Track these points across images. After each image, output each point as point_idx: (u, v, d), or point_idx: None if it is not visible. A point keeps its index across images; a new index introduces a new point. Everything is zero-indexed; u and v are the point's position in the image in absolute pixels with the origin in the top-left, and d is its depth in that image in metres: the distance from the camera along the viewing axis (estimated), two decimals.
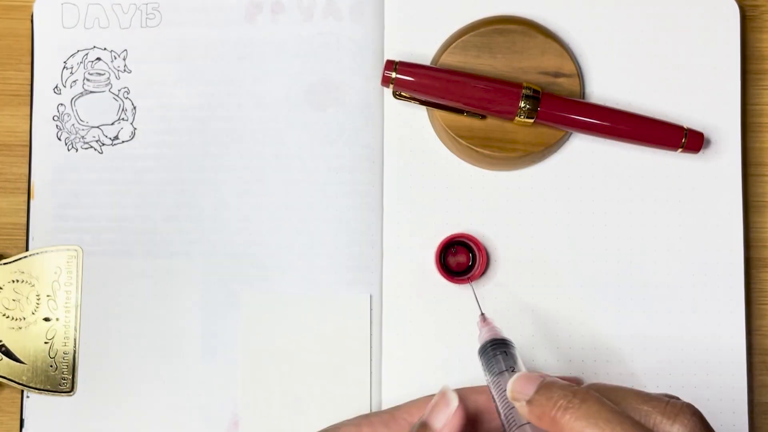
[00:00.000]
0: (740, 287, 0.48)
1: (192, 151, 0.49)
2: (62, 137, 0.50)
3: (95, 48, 0.50)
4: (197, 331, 0.48)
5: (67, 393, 0.48)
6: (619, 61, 0.49)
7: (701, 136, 0.47)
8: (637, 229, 0.48)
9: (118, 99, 0.50)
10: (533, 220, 0.48)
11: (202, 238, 0.49)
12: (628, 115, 0.47)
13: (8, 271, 0.49)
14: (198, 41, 0.50)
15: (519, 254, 0.48)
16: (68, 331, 0.48)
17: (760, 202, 0.50)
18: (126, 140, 0.50)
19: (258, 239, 0.49)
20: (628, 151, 0.48)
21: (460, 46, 0.48)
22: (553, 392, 0.34)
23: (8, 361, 0.48)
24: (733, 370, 0.47)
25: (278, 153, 0.49)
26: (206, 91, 0.50)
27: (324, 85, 0.49)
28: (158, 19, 0.50)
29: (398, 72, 0.46)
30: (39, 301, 0.48)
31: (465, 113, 0.47)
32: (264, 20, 0.50)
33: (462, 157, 0.49)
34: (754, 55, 0.51)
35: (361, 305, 0.48)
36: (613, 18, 0.49)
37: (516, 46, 0.48)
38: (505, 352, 0.40)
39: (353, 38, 0.50)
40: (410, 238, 0.48)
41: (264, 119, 0.49)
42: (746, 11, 0.50)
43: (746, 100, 0.50)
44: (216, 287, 0.49)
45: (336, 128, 0.49)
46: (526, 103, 0.46)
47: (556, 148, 0.48)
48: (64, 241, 0.49)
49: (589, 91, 0.49)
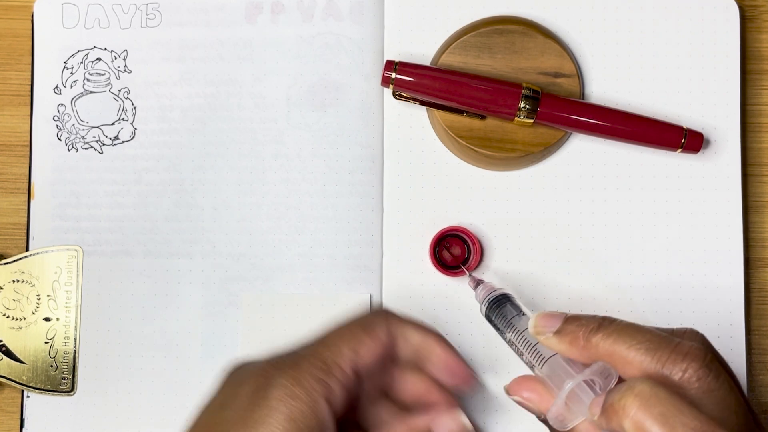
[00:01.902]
0: (740, 287, 0.48)
1: (192, 151, 0.49)
2: (62, 137, 0.50)
3: (95, 48, 0.50)
4: (197, 331, 0.48)
5: (67, 393, 0.48)
6: (619, 61, 0.49)
7: (701, 137, 0.47)
8: (637, 229, 0.48)
9: (118, 99, 0.50)
10: (533, 220, 0.48)
11: (202, 238, 0.49)
12: (627, 116, 0.47)
13: (8, 271, 0.49)
14: (198, 41, 0.50)
15: (519, 254, 0.48)
16: (68, 331, 0.48)
17: (759, 202, 0.50)
18: (126, 140, 0.50)
19: (258, 239, 0.49)
20: (628, 152, 0.49)
21: (460, 47, 0.48)
22: (582, 320, 0.37)
23: (8, 361, 0.48)
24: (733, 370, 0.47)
25: (278, 153, 0.49)
26: (206, 91, 0.50)
27: (324, 85, 0.50)
28: (158, 19, 0.50)
29: (398, 72, 0.46)
30: (39, 301, 0.48)
31: (465, 113, 0.47)
32: (264, 20, 0.50)
33: (462, 157, 0.49)
34: (754, 55, 0.51)
35: (361, 305, 0.48)
36: (613, 18, 0.49)
37: (516, 46, 0.48)
38: (509, 302, 0.42)
39: (353, 38, 0.50)
40: (410, 238, 0.48)
41: (264, 119, 0.49)
42: (746, 11, 0.50)
43: (746, 100, 0.50)
44: (216, 287, 0.49)
45: (336, 128, 0.49)
46: (526, 103, 0.46)
47: (556, 148, 0.48)
48: (64, 241, 0.49)
49: (589, 91, 0.49)
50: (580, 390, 0.35)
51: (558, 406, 0.36)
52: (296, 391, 0.36)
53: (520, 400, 0.39)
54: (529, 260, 0.48)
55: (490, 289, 0.44)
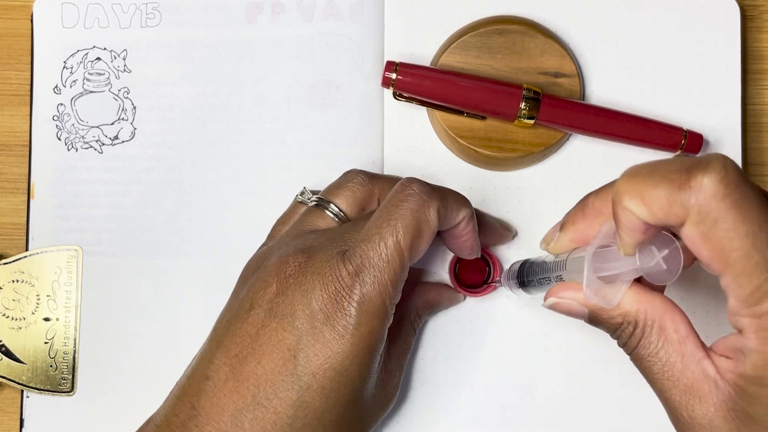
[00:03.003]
0: None
1: (192, 151, 0.49)
2: (62, 137, 0.50)
3: (95, 48, 0.50)
4: (197, 331, 0.48)
5: (67, 393, 0.48)
6: (619, 61, 0.49)
7: (700, 138, 0.47)
8: None
9: (118, 99, 0.50)
10: (533, 221, 0.48)
11: (202, 238, 0.49)
12: (627, 117, 0.47)
13: (8, 271, 0.49)
14: (198, 41, 0.50)
15: (518, 254, 0.48)
16: (68, 331, 0.48)
17: None
18: (126, 140, 0.50)
19: (258, 239, 0.49)
20: (628, 152, 0.48)
21: (460, 47, 0.48)
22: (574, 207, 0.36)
23: (8, 361, 0.48)
24: None
25: (278, 153, 0.49)
26: (206, 91, 0.50)
27: (324, 85, 0.49)
28: (158, 19, 0.50)
29: (398, 73, 0.46)
30: (39, 301, 0.48)
31: (465, 114, 0.47)
32: (264, 20, 0.50)
33: (462, 157, 0.49)
34: (755, 55, 0.51)
35: None
36: (613, 18, 0.49)
37: (516, 46, 0.48)
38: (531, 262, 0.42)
39: (353, 38, 0.49)
40: None
41: (264, 119, 0.49)
42: (746, 11, 0.50)
43: (746, 100, 0.50)
44: (216, 287, 0.49)
45: (336, 128, 0.49)
46: (527, 104, 0.46)
47: (556, 149, 0.48)
48: (64, 241, 0.49)
49: (589, 91, 0.49)
50: (600, 257, 0.33)
51: (588, 279, 0.33)
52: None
53: (557, 302, 0.36)
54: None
55: (508, 268, 0.44)
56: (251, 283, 0.39)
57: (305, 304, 0.37)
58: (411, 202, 0.38)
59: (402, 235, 0.37)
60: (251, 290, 0.39)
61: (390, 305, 0.37)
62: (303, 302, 0.37)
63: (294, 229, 0.42)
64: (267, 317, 0.37)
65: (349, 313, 0.36)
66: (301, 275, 0.38)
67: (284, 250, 0.39)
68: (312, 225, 0.42)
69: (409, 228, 0.37)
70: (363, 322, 0.37)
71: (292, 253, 0.39)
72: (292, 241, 0.40)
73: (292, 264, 0.38)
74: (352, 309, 0.37)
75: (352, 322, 0.36)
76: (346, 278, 0.37)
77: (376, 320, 0.37)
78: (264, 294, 0.38)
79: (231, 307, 0.40)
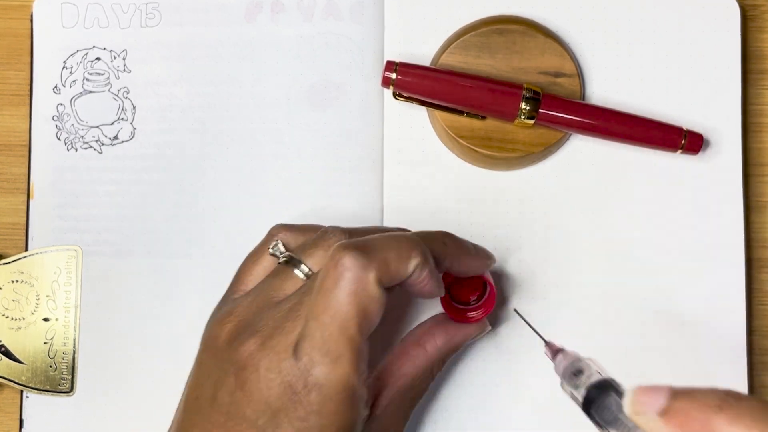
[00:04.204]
0: (741, 288, 0.48)
1: (192, 151, 0.49)
2: (62, 137, 0.50)
3: (95, 48, 0.50)
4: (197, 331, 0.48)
5: (66, 393, 0.48)
6: (619, 60, 0.49)
7: (700, 138, 0.47)
8: (637, 230, 0.48)
9: (118, 99, 0.50)
10: (533, 220, 0.48)
11: (202, 238, 0.49)
12: (627, 117, 0.47)
13: (8, 271, 0.49)
14: (198, 41, 0.50)
15: (518, 254, 0.48)
16: (68, 331, 0.48)
17: (760, 202, 0.50)
18: (126, 140, 0.50)
19: (258, 239, 0.49)
20: (628, 152, 0.48)
21: (460, 46, 0.48)
22: (696, 395, 0.29)
23: (8, 362, 0.48)
24: (734, 370, 0.47)
25: (278, 153, 0.49)
26: (206, 91, 0.50)
27: (324, 85, 0.49)
28: (158, 18, 0.50)
29: (398, 73, 0.46)
30: (38, 301, 0.48)
31: (465, 114, 0.47)
32: (264, 20, 0.50)
33: (462, 157, 0.49)
34: (755, 55, 0.51)
35: None
36: (613, 18, 0.49)
37: (516, 46, 0.48)
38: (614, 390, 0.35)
39: (353, 38, 0.49)
40: None
41: (264, 119, 0.49)
42: (747, 11, 0.50)
43: (747, 100, 0.50)
44: (216, 287, 0.48)
45: (336, 128, 0.49)
46: (527, 104, 0.46)
47: (556, 149, 0.48)
48: (64, 241, 0.49)
49: (590, 91, 0.49)
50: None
51: None
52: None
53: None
54: (528, 260, 0.48)
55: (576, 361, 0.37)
56: (213, 365, 0.38)
57: (265, 404, 0.36)
58: (346, 282, 0.35)
59: (346, 323, 0.35)
60: (211, 377, 0.38)
61: (357, 384, 0.36)
62: (261, 400, 0.36)
63: (259, 293, 0.40)
64: (228, 420, 0.37)
65: (309, 404, 0.35)
66: (255, 371, 0.36)
67: (243, 328, 0.38)
68: (278, 292, 0.39)
69: (351, 314, 0.35)
70: (325, 411, 0.35)
71: (247, 338, 0.37)
72: (252, 316, 0.39)
73: (247, 350, 0.37)
74: (312, 398, 0.35)
75: (314, 410, 0.35)
76: (298, 373, 0.35)
77: (341, 405, 0.36)
78: (224, 386, 0.37)
79: (197, 385, 0.39)
